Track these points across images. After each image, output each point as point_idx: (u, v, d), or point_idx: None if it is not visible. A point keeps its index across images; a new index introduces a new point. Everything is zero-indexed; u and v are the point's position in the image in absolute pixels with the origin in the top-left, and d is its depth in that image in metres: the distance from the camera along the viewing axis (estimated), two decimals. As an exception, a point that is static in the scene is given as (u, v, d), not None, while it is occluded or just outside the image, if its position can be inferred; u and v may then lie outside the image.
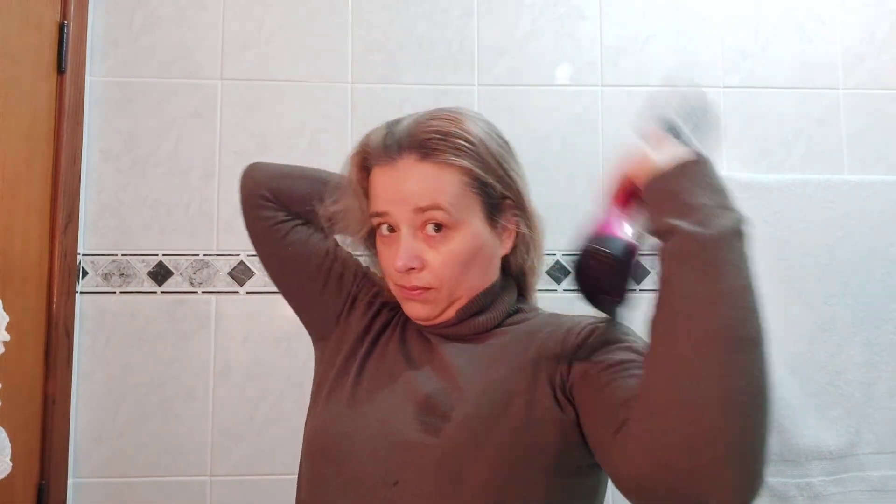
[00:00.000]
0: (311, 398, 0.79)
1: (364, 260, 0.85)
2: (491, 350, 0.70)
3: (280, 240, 0.82)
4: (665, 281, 0.53)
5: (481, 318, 0.72)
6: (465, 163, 0.67)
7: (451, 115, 0.70)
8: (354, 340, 0.77)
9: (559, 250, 1.29)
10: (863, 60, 1.37)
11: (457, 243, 0.68)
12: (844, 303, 1.25)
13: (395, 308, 0.79)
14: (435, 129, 0.68)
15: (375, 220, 0.72)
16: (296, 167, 0.88)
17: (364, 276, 0.83)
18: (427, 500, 0.61)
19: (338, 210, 0.77)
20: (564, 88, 1.33)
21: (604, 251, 0.57)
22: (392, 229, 0.70)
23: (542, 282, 1.28)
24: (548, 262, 1.29)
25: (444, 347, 0.72)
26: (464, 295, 0.71)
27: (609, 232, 0.58)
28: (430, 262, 0.68)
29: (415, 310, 0.71)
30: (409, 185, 0.67)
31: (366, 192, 0.73)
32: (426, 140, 0.67)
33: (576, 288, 0.60)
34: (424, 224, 0.68)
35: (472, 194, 0.68)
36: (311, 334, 0.85)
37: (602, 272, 0.57)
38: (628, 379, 0.57)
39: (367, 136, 0.72)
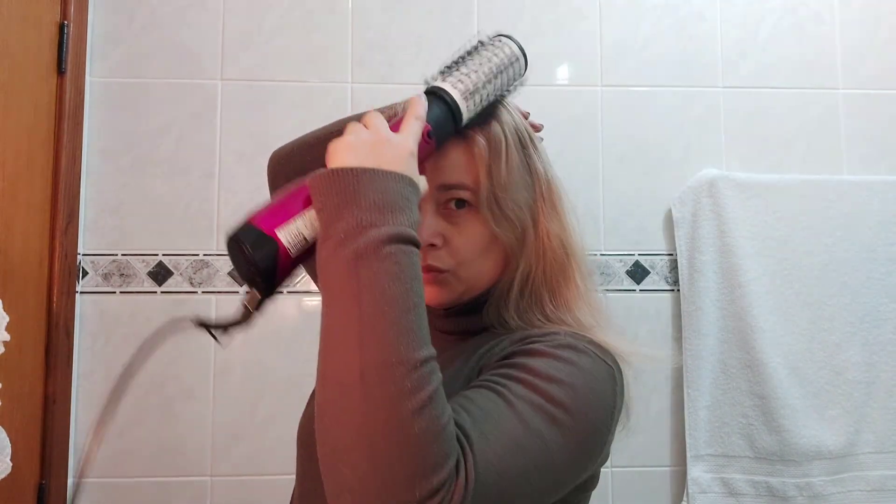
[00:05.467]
0: None
1: None
2: (459, 353, 0.67)
3: None
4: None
5: (467, 318, 0.69)
6: (493, 150, 0.65)
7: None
8: None
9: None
10: (863, 60, 1.37)
11: (480, 224, 0.65)
12: (844, 302, 1.25)
13: None
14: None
15: None
16: (308, 134, 0.85)
17: None
18: None
19: None
20: (564, 88, 1.33)
21: (245, 246, 0.49)
22: None
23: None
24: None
25: None
26: (479, 285, 0.67)
27: (273, 222, 0.50)
28: (451, 241, 0.65)
29: (429, 294, 0.67)
30: (437, 160, 0.65)
31: None
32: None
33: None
34: (448, 202, 0.66)
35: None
36: None
37: (245, 263, 0.50)
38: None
39: None
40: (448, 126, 0.59)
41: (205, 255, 1.26)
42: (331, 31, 1.31)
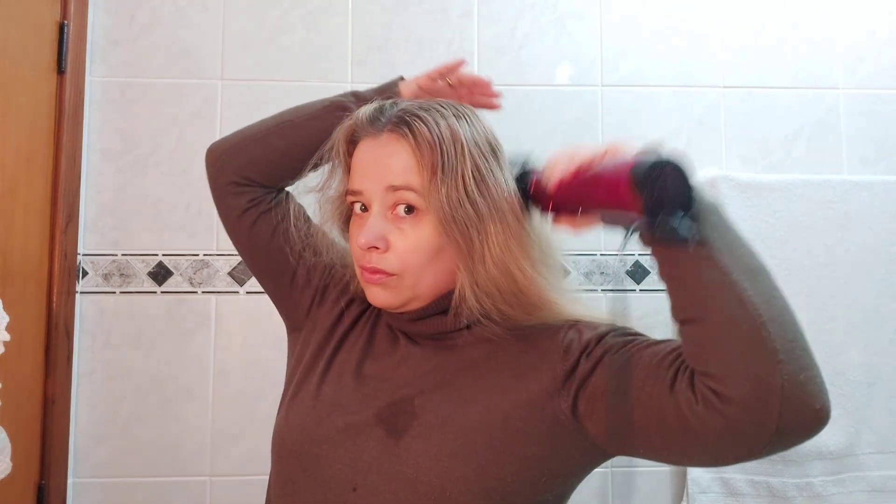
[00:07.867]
0: (282, 394, 0.77)
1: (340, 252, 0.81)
2: (466, 353, 0.67)
3: (247, 230, 0.79)
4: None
5: (443, 318, 0.68)
6: (440, 154, 0.63)
7: (444, 105, 0.68)
8: (323, 336, 0.75)
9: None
10: (863, 60, 1.37)
11: (427, 231, 0.64)
12: (845, 303, 1.25)
13: (366, 301, 0.75)
14: (424, 114, 0.65)
15: (349, 199, 0.69)
16: (252, 126, 0.83)
17: (334, 267, 0.79)
18: None
19: (320, 186, 0.75)
20: (564, 88, 1.33)
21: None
22: (365, 208, 0.67)
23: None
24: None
25: (411, 348, 0.69)
26: (426, 293, 0.66)
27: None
28: (395, 245, 0.64)
29: (375, 295, 0.66)
30: (386, 161, 0.65)
31: (348, 168, 0.71)
32: (413, 121, 0.65)
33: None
34: (396, 205, 0.65)
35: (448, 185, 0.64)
36: (285, 325, 0.82)
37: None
38: (643, 349, 0.61)
39: (359, 110, 0.70)
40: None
41: (205, 255, 1.26)
42: (331, 31, 1.31)
